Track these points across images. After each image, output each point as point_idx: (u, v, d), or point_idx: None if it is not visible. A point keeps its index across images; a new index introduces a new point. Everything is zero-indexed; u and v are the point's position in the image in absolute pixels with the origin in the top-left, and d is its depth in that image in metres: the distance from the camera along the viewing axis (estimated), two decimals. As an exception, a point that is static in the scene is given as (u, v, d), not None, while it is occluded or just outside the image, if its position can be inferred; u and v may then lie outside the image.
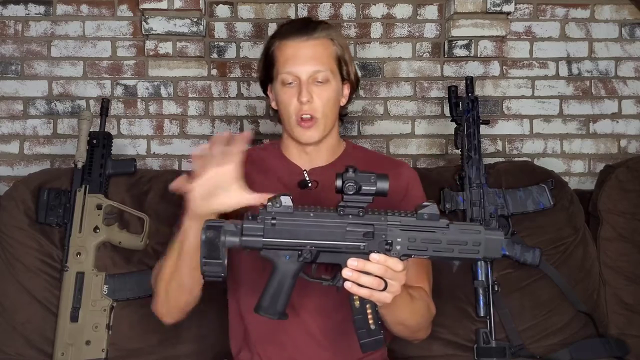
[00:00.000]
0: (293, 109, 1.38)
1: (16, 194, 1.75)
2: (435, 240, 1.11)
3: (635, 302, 1.77)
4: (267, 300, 1.16)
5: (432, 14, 2.26)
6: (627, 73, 2.28)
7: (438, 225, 1.11)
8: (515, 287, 1.74)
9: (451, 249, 1.11)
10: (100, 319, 1.64)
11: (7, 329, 1.67)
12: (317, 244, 1.12)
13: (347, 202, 1.11)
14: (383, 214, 1.13)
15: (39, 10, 2.20)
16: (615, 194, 1.84)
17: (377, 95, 2.26)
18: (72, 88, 2.21)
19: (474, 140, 1.77)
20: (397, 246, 1.11)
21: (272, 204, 1.11)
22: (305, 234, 1.12)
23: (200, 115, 2.23)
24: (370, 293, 1.11)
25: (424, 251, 1.11)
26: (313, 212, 1.12)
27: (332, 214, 1.13)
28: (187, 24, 2.17)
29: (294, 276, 1.15)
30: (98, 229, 1.70)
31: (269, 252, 1.13)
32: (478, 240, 1.11)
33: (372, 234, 1.11)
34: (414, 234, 1.11)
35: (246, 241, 1.11)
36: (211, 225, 1.09)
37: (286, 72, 1.37)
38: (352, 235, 1.11)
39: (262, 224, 1.11)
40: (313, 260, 1.13)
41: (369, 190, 1.09)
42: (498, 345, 1.66)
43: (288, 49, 1.38)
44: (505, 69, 2.27)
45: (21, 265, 1.69)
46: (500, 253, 1.13)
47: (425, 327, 1.39)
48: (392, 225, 1.11)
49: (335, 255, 1.13)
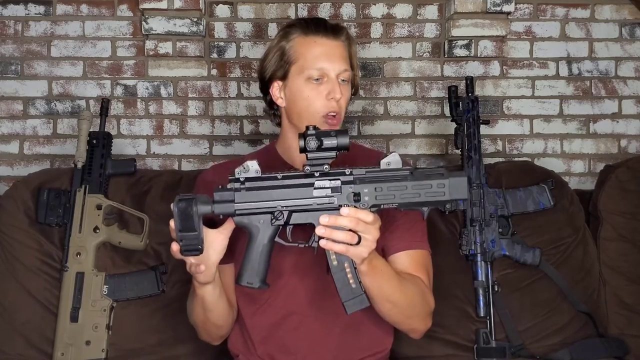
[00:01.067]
0: (321, 106, 1.38)
1: (16, 194, 1.75)
2: (400, 187, 1.14)
3: (635, 302, 1.77)
4: (247, 269, 1.19)
5: (432, 14, 2.26)
6: (627, 73, 2.28)
7: (401, 172, 1.15)
8: (515, 287, 1.73)
9: (417, 193, 1.14)
10: (100, 319, 1.64)
11: (7, 329, 1.67)
12: (287, 204, 1.15)
13: (311, 160, 1.15)
14: (348, 168, 1.16)
15: (38, 10, 2.20)
16: (615, 194, 1.84)
17: (377, 95, 2.26)
18: (72, 88, 2.21)
19: (474, 140, 1.77)
20: (365, 197, 1.14)
21: (240, 170, 1.15)
22: (275, 195, 1.15)
23: (200, 115, 2.23)
24: (345, 248, 1.13)
25: (392, 199, 1.14)
26: (280, 174, 1.16)
27: (299, 173, 1.17)
28: (187, 24, 2.17)
29: (270, 240, 1.18)
30: (98, 229, 1.70)
31: (243, 219, 1.16)
32: (442, 182, 1.14)
33: (339, 189, 1.15)
34: (380, 183, 1.14)
35: (219, 207, 1.14)
36: (183, 197, 1.12)
37: (316, 67, 1.37)
38: (320, 192, 1.15)
39: (232, 189, 1.15)
40: (286, 222, 1.16)
41: (331, 145, 1.13)
42: (498, 345, 1.66)
43: (318, 46, 1.39)
44: (505, 69, 2.27)
45: (21, 265, 1.69)
46: (466, 193, 1.15)
47: (419, 315, 1.37)
48: (358, 177, 1.15)
49: (307, 215, 1.16)
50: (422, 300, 1.35)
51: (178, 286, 1.69)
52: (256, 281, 1.18)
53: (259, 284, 1.18)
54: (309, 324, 1.38)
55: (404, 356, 1.67)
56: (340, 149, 1.14)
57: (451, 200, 1.14)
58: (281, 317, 1.39)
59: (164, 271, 1.68)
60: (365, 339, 1.41)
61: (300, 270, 1.37)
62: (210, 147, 2.23)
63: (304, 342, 1.38)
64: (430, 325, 1.41)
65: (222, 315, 1.36)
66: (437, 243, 1.50)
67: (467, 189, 1.15)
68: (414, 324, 1.38)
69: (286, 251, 1.30)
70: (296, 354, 1.38)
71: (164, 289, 1.68)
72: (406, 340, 1.63)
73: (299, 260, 1.37)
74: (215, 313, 1.34)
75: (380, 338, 1.44)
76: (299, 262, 1.37)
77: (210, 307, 1.32)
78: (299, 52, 1.39)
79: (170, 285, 1.69)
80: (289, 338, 1.38)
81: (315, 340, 1.38)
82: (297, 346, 1.38)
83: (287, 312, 1.39)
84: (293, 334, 1.38)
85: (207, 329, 1.40)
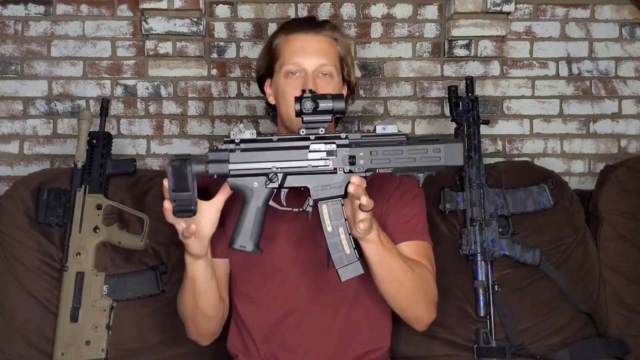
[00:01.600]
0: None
1: (16, 194, 1.75)
2: (396, 151, 1.14)
3: (635, 302, 1.77)
4: (240, 233, 1.18)
5: (432, 14, 2.26)
6: (627, 73, 2.28)
7: (397, 137, 1.15)
8: (515, 287, 1.73)
9: (413, 158, 1.14)
10: (100, 319, 1.64)
11: (7, 329, 1.67)
12: (282, 166, 1.15)
13: (307, 123, 1.15)
14: (343, 132, 1.16)
15: (38, 10, 2.20)
16: (615, 194, 1.84)
17: (377, 95, 2.26)
18: (72, 88, 2.21)
19: (474, 140, 1.77)
20: (361, 161, 1.15)
21: (235, 132, 1.15)
22: (270, 156, 1.15)
23: (200, 115, 2.23)
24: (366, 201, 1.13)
25: (387, 163, 1.15)
26: (276, 137, 1.16)
27: (295, 136, 1.17)
28: (187, 24, 2.17)
29: (265, 203, 1.18)
30: (98, 229, 1.70)
31: (237, 181, 1.16)
32: (438, 147, 1.14)
33: (335, 152, 1.15)
34: (376, 147, 1.14)
35: (213, 167, 1.14)
36: (178, 157, 1.12)
37: (292, 62, 1.39)
38: (315, 154, 1.15)
39: (227, 150, 1.15)
40: (281, 185, 1.16)
41: (327, 108, 1.13)
42: (498, 345, 1.66)
43: (296, 42, 1.41)
44: (505, 69, 2.27)
45: (21, 265, 1.69)
46: (462, 160, 1.15)
47: (425, 301, 1.36)
48: (353, 140, 1.15)
49: (302, 178, 1.16)
50: (427, 285, 1.35)
51: (178, 286, 1.67)
52: (249, 245, 1.18)
53: (252, 248, 1.18)
54: (310, 321, 1.38)
55: (404, 356, 1.67)
56: (336, 113, 1.14)
57: (446, 165, 1.14)
58: (282, 315, 1.39)
59: (164, 271, 1.68)
60: (365, 334, 1.41)
61: (299, 264, 1.37)
62: (210, 147, 2.23)
63: (306, 339, 1.38)
64: (434, 317, 1.40)
65: (213, 302, 1.34)
66: (437, 243, 1.50)
67: (462, 156, 1.15)
68: (420, 310, 1.37)
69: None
70: (297, 351, 1.38)
71: (164, 289, 1.68)
72: (406, 339, 1.65)
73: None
74: (206, 298, 1.32)
75: (379, 334, 1.45)
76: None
77: (200, 289, 1.30)
78: (281, 50, 1.42)
79: (170, 285, 1.69)
80: (291, 335, 1.38)
81: (316, 337, 1.38)
82: (298, 343, 1.38)
83: (289, 309, 1.39)
84: (294, 332, 1.38)
85: (195, 320, 1.37)
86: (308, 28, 1.42)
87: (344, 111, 1.15)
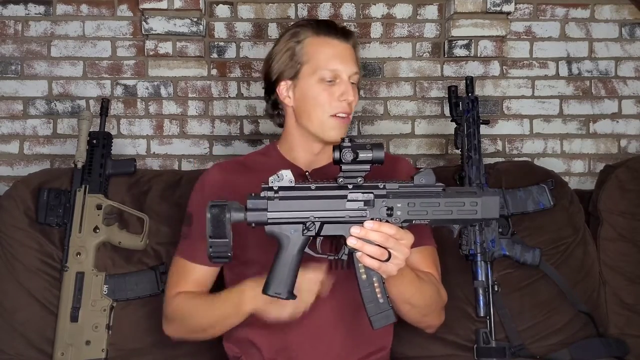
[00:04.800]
0: (332, 107, 1.39)
1: (16, 194, 1.75)
2: (433, 203, 1.14)
3: (635, 302, 1.77)
4: (275, 279, 1.17)
5: (432, 14, 2.26)
6: (627, 73, 2.28)
7: (435, 188, 1.15)
8: (515, 287, 1.73)
9: (450, 210, 1.14)
10: (100, 319, 1.64)
11: (7, 329, 1.66)
12: (319, 215, 1.15)
13: (345, 172, 1.15)
14: (381, 182, 1.16)
15: (38, 10, 2.20)
16: (615, 194, 1.84)
17: (377, 95, 2.26)
18: (72, 88, 2.21)
19: (474, 140, 1.77)
20: (398, 212, 1.14)
21: (274, 179, 1.14)
22: (307, 205, 1.15)
23: (200, 115, 2.23)
24: (377, 264, 1.13)
25: (424, 215, 1.14)
26: (314, 184, 1.16)
27: (333, 184, 1.16)
28: (187, 24, 2.17)
29: (300, 251, 1.17)
30: (98, 229, 1.70)
31: (274, 229, 1.16)
32: (475, 200, 1.14)
33: (372, 202, 1.14)
34: (413, 199, 1.14)
35: (252, 216, 1.14)
36: (215, 204, 1.12)
37: (330, 69, 1.38)
38: (353, 204, 1.14)
39: (265, 198, 1.14)
40: (317, 232, 1.16)
41: (366, 158, 1.13)
42: (498, 345, 1.66)
43: (330, 47, 1.40)
44: (505, 69, 2.27)
45: (21, 265, 1.69)
46: (497, 213, 1.15)
47: (435, 311, 1.39)
48: (391, 191, 1.15)
49: (338, 227, 1.15)
50: (437, 296, 1.37)
51: (178, 286, 1.69)
52: (284, 292, 1.17)
53: (286, 295, 1.17)
54: (312, 324, 1.37)
55: (404, 356, 1.67)
56: (375, 163, 1.14)
57: (482, 219, 1.14)
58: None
59: (164, 271, 1.68)
60: (367, 337, 1.41)
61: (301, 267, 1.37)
62: (210, 147, 2.23)
63: (307, 342, 1.37)
64: (444, 318, 1.43)
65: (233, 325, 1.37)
66: (437, 243, 1.50)
67: (498, 209, 1.15)
68: (430, 321, 1.40)
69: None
70: (299, 353, 1.38)
71: (164, 289, 1.67)
72: (406, 340, 1.64)
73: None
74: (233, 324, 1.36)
75: (381, 337, 1.44)
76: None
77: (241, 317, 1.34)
78: (310, 52, 1.39)
79: (170, 285, 1.69)
80: (292, 339, 1.38)
81: (318, 340, 1.37)
82: (300, 346, 1.37)
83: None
84: (296, 334, 1.37)
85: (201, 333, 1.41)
86: (339, 34, 1.41)
87: (382, 160, 1.14)
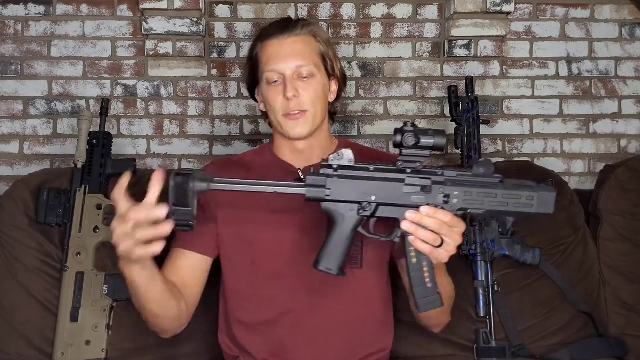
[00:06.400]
0: (280, 106, 1.38)
1: (16, 194, 1.75)
2: (490, 194, 1.14)
3: (635, 302, 1.77)
4: (326, 255, 1.18)
5: (432, 14, 2.26)
6: (627, 73, 2.28)
7: (492, 179, 1.15)
8: (515, 287, 1.74)
9: (506, 202, 1.14)
10: (100, 319, 1.64)
11: (7, 329, 1.66)
12: (376, 197, 1.14)
13: (405, 155, 1.14)
14: (439, 168, 1.16)
15: (38, 10, 2.20)
16: (615, 194, 1.84)
17: (377, 95, 2.26)
18: (72, 88, 2.21)
19: (474, 140, 1.77)
20: (454, 200, 1.14)
21: (334, 157, 1.14)
22: (365, 186, 1.15)
23: (200, 115, 2.23)
24: (430, 249, 1.13)
25: (480, 204, 1.14)
26: (373, 166, 1.15)
27: (392, 167, 1.16)
28: (187, 24, 2.17)
29: (353, 230, 1.17)
30: (98, 229, 1.70)
31: (330, 206, 1.16)
32: (532, 194, 1.14)
33: (429, 188, 1.14)
34: (471, 188, 1.14)
35: (310, 192, 1.14)
36: (180, 172, 1.11)
37: (270, 70, 1.38)
38: (410, 188, 1.14)
39: (324, 175, 1.14)
40: (372, 214, 1.16)
41: (427, 144, 1.12)
42: (498, 345, 1.66)
43: (270, 47, 1.40)
44: (505, 69, 2.27)
45: (21, 265, 1.69)
46: (553, 208, 1.15)
47: (450, 307, 1.40)
48: (449, 178, 1.15)
49: (393, 210, 1.15)
50: (454, 294, 1.40)
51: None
52: (335, 268, 1.17)
53: (337, 271, 1.17)
54: (307, 322, 1.37)
55: (404, 356, 1.67)
56: (436, 149, 1.13)
57: (537, 213, 1.15)
58: (278, 315, 1.37)
59: (164, 271, 1.68)
60: (367, 337, 1.41)
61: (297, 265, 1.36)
62: (210, 147, 2.23)
63: (303, 343, 1.37)
64: (451, 317, 1.44)
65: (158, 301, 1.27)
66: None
67: (554, 205, 1.15)
68: (444, 318, 1.42)
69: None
70: (295, 353, 1.37)
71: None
72: (406, 340, 1.65)
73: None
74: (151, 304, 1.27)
75: (381, 337, 1.44)
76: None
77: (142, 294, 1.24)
78: (258, 58, 1.42)
79: (170, 285, 1.69)
80: (287, 337, 1.37)
81: (315, 342, 1.37)
82: (296, 345, 1.37)
83: (286, 310, 1.37)
84: (291, 333, 1.37)
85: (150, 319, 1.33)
86: (281, 31, 1.40)
87: (443, 147, 1.13)
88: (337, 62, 1.47)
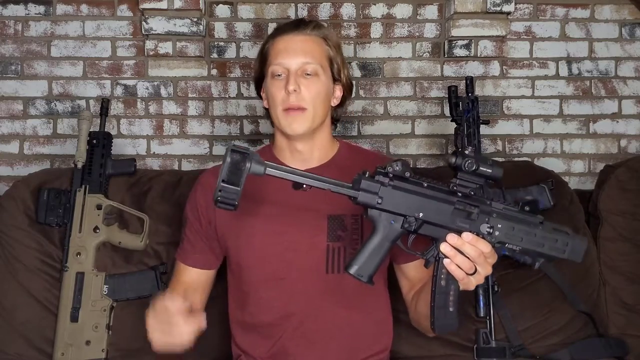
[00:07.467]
0: (280, 100, 1.38)
1: (16, 194, 1.75)
2: (530, 233, 1.15)
3: (635, 302, 1.77)
4: (361, 261, 1.16)
5: (432, 14, 2.26)
6: (627, 73, 2.28)
7: (534, 219, 1.16)
8: (515, 287, 1.73)
9: (542, 244, 1.16)
10: (100, 319, 1.64)
11: (7, 329, 1.67)
12: (423, 214, 1.14)
13: (460, 179, 1.14)
14: (488, 199, 1.16)
15: (38, 10, 2.20)
16: (615, 194, 1.84)
17: (377, 95, 2.26)
18: (72, 88, 2.21)
19: (474, 140, 1.77)
20: (497, 232, 1.15)
21: (392, 166, 1.14)
22: (415, 201, 1.14)
23: (200, 115, 2.23)
24: (462, 276, 1.13)
25: (519, 241, 1.15)
26: (426, 183, 1.15)
27: (444, 187, 1.16)
28: (187, 24, 2.17)
29: (393, 241, 1.17)
30: (98, 229, 1.70)
31: (376, 213, 1.15)
32: (566, 241, 1.16)
33: (476, 215, 1.14)
34: (514, 223, 1.15)
35: (363, 196, 1.13)
36: (237, 150, 1.08)
37: (276, 63, 1.39)
38: (458, 213, 1.14)
39: (379, 183, 1.13)
40: (415, 230, 1.15)
41: (485, 172, 1.13)
42: (498, 346, 1.66)
43: (280, 43, 1.41)
44: (505, 69, 2.27)
45: (21, 265, 1.69)
46: (581, 259, 1.17)
47: None
48: (496, 210, 1.15)
49: (436, 229, 1.15)
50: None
51: (178, 286, 1.69)
52: (365, 275, 1.16)
53: (367, 279, 1.16)
54: (308, 325, 1.37)
55: (404, 356, 1.67)
56: (491, 179, 1.14)
57: (567, 259, 1.17)
58: (280, 318, 1.38)
59: (164, 271, 1.68)
60: (367, 339, 1.41)
61: (297, 268, 1.37)
62: (210, 147, 2.23)
63: (303, 346, 1.37)
64: None
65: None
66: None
67: (583, 255, 1.16)
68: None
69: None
70: (296, 355, 1.37)
71: (164, 289, 1.67)
72: (406, 340, 1.64)
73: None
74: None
75: (381, 338, 1.44)
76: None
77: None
78: (268, 53, 1.43)
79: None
80: (289, 340, 1.37)
81: (314, 345, 1.37)
82: (296, 348, 1.37)
83: (286, 313, 1.37)
84: (292, 336, 1.37)
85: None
86: (293, 28, 1.42)
87: (499, 179, 1.14)
88: (345, 69, 1.47)
